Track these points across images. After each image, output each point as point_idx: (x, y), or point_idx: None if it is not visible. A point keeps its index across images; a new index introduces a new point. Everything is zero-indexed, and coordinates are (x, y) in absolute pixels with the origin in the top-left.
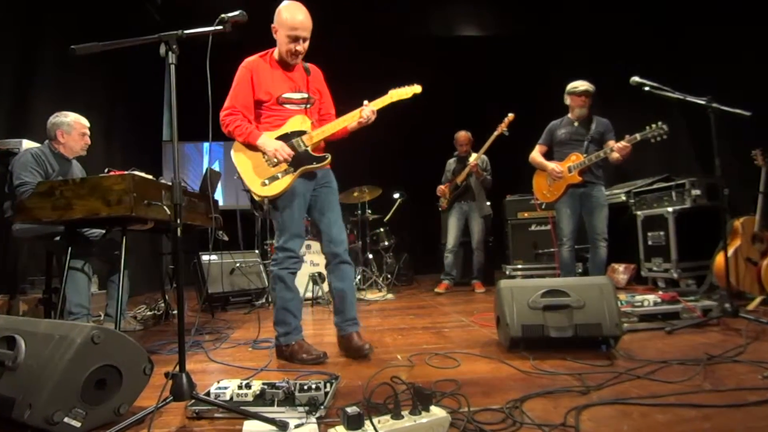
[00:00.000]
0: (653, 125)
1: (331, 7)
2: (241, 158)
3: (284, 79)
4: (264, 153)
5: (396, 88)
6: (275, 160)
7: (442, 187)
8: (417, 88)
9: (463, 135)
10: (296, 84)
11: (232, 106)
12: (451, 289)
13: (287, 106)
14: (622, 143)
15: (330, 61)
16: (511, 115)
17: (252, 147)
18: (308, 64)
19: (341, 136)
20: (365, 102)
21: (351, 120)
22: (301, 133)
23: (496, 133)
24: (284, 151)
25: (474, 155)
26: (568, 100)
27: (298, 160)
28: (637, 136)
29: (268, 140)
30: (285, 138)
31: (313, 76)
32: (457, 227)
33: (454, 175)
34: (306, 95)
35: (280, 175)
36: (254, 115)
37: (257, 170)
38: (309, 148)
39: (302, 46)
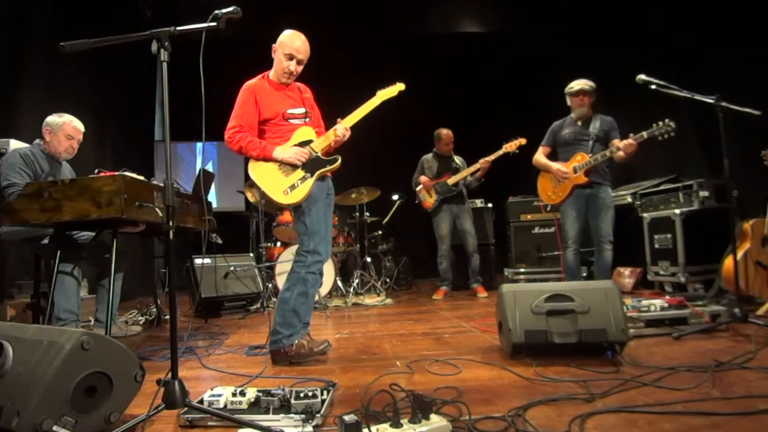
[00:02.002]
0: (660, 123)
1: (329, 6)
2: (259, 173)
3: (285, 98)
4: (280, 163)
5: (381, 88)
6: (299, 163)
7: (426, 178)
8: (401, 86)
9: (448, 133)
10: (295, 101)
11: (240, 125)
12: (450, 294)
13: (291, 121)
14: (628, 141)
15: (329, 60)
16: (522, 140)
17: (267, 160)
18: (300, 84)
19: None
20: (338, 120)
21: (332, 135)
22: (309, 141)
23: (503, 151)
24: (302, 153)
25: (456, 157)
26: (567, 101)
27: (313, 165)
28: (644, 134)
29: (284, 150)
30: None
31: (305, 94)
32: (448, 231)
33: (439, 174)
34: (305, 110)
35: (298, 182)
36: (259, 132)
37: (277, 181)
38: (320, 153)
39: (296, 68)
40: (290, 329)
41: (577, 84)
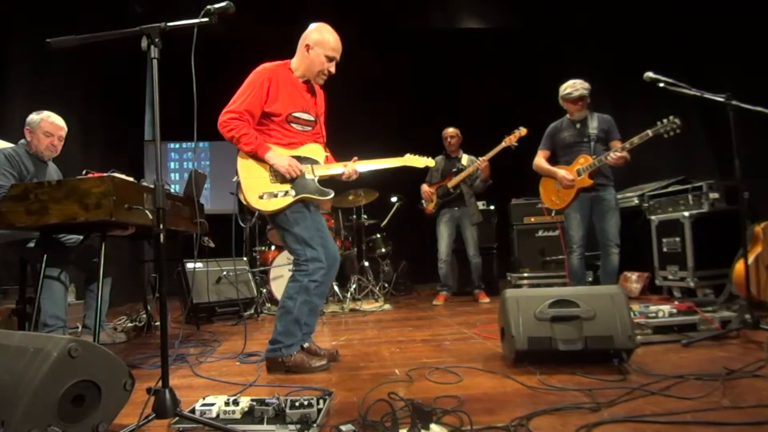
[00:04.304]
0: (665, 120)
1: (328, 1)
2: (245, 164)
3: (298, 98)
4: (271, 167)
5: (412, 154)
6: (287, 176)
7: (428, 188)
8: (430, 162)
9: (452, 131)
10: (307, 105)
11: (241, 112)
12: (450, 300)
13: (294, 125)
14: (618, 154)
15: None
16: (523, 130)
17: (257, 159)
18: (317, 86)
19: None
20: (354, 158)
21: (340, 168)
22: (314, 161)
23: (502, 145)
24: (297, 167)
25: (465, 156)
26: (563, 104)
27: (303, 186)
28: (649, 132)
29: (279, 156)
30: (297, 160)
31: (319, 99)
32: (449, 235)
33: (443, 176)
34: (313, 118)
35: (279, 194)
36: (257, 123)
37: (258, 181)
38: (316, 179)
39: (333, 70)
40: (291, 339)
41: (576, 90)
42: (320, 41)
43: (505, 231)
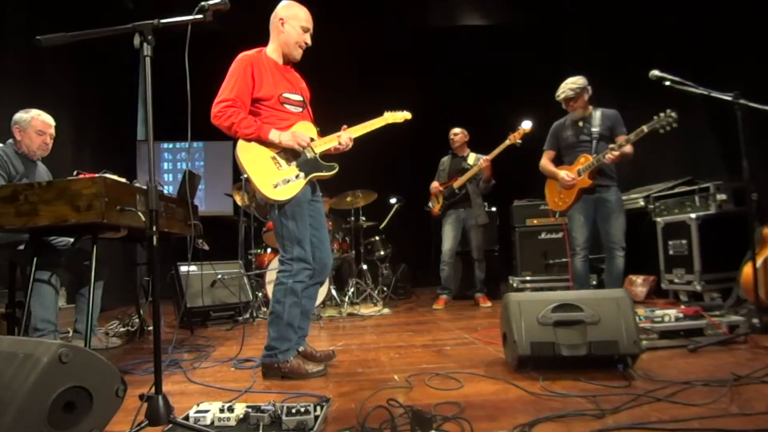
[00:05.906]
0: (661, 114)
1: None
2: (249, 158)
3: (282, 78)
4: (277, 152)
5: (390, 111)
6: (298, 148)
7: (437, 184)
8: (407, 115)
9: (457, 129)
10: (293, 85)
11: (233, 99)
12: (451, 304)
13: (287, 106)
14: (615, 153)
15: (324, 55)
16: (527, 126)
17: (261, 143)
18: (295, 72)
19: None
20: (344, 126)
21: (335, 140)
22: (310, 138)
23: (507, 143)
24: (303, 138)
25: (473, 155)
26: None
27: (309, 165)
28: (644, 128)
29: (281, 133)
30: None
31: (302, 83)
32: (453, 237)
33: (450, 176)
34: (302, 98)
35: (291, 178)
36: (249, 112)
37: (268, 172)
38: (317, 155)
39: (309, 41)
40: (286, 344)
41: (562, 92)
42: (292, 15)
43: (506, 233)
